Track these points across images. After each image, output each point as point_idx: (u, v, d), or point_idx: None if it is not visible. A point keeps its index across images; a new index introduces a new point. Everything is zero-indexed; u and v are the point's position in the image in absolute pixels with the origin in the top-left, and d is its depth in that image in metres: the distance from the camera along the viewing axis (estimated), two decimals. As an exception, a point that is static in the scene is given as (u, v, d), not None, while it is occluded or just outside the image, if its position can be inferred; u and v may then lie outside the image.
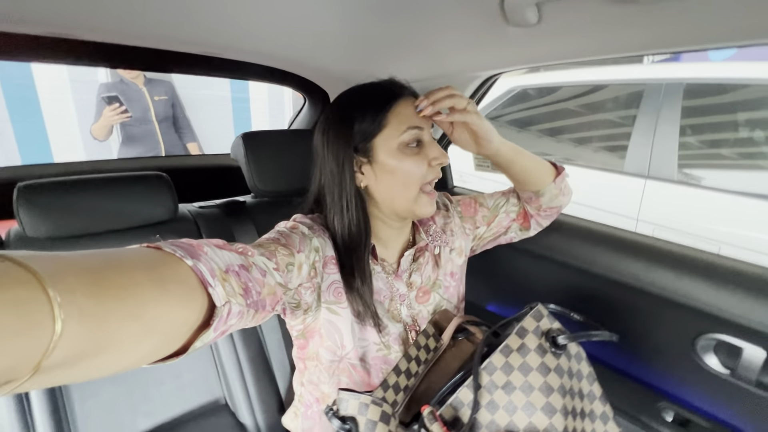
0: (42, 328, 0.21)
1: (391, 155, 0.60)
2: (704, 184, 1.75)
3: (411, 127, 0.60)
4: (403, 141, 0.60)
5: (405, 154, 0.60)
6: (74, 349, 0.23)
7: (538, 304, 0.57)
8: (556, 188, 0.75)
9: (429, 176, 0.62)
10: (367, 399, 0.52)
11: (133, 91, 2.26)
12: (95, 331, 0.24)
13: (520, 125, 2.59)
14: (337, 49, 0.85)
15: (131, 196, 0.71)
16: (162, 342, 0.30)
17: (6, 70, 2.59)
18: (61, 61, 0.84)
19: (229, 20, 0.68)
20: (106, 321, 0.24)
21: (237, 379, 0.77)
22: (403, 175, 0.60)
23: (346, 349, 0.64)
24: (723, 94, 1.78)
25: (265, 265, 0.46)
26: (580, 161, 2.22)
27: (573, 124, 2.40)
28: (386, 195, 0.63)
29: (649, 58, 4.55)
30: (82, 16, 0.63)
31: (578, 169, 2.12)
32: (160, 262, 0.31)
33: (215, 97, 3.42)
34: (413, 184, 0.61)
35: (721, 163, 1.83)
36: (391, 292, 0.68)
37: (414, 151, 0.61)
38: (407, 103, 0.62)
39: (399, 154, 0.60)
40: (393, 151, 0.60)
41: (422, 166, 0.61)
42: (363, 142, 0.61)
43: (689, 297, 0.72)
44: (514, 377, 0.52)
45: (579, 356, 0.56)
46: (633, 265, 0.80)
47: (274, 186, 0.87)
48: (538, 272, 0.98)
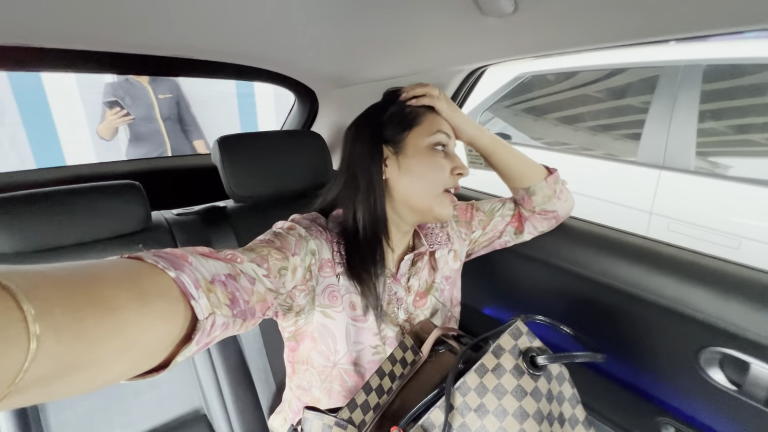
0: (16, 346, 0.20)
1: (420, 152, 0.63)
2: (730, 174, 1.64)
3: (441, 131, 0.64)
4: (432, 142, 0.63)
5: (434, 153, 0.63)
6: (51, 366, 0.22)
7: (517, 320, 0.53)
8: (548, 188, 0.75)
9: (449, 182, 0.64)
10: (330, 420, 0.49)
11: (138, 90, 2.29)
12: (73, 348, 0.23)
13: (537, 113, 2.48)
14: (320, 49, 0.83)
15: (100, 206, 0.69)
16: (143, 357, 0.29)
17: (16, 75, 2.65)
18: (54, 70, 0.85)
19: (212, 24, 0.67)
20: (85, 337, 0.23)
21: (214, 390, 0.76)
22: (428, 173, 0.62)
23: (339, 354, 0.63)
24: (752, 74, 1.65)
25: (254, 272, 0.45)
26: (599, 150, 2.10)
27: (592, 110, 2.27)
28: (406, 191, 0.63)
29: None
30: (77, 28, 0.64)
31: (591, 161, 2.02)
32: (142, 274, 0.30)
33: (221, 94, 3.43)
34: (437, 183, 0.62)
35: (752, 150, 1.70)
36: (388, 295, 0.68)
37: (440, 155, 0.64)
38: (436, 114, 0.66)
39: (428, 152, 0.63)
40: (422, 148, 0.63)
41: (446, 170, 0.63)
42: (395, 134, 0.64)
43: (692, 307, 0.67)
44: (488, 400, 0.49)
45: (561, 377, 0.52)
46: (633, 271, 0.74)
47: (253, 191, 0.85)
48: (535, 276, 0.94)
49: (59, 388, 0.24)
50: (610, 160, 1.97)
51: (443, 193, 0.63)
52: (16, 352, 0.20)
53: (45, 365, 0.21)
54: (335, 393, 0.65)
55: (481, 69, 0.83)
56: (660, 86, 1.80)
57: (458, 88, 0.88)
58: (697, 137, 1.68)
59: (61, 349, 0.22)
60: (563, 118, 2.38)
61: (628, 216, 1.79)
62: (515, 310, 1.03)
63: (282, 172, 0.89)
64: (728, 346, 0.64)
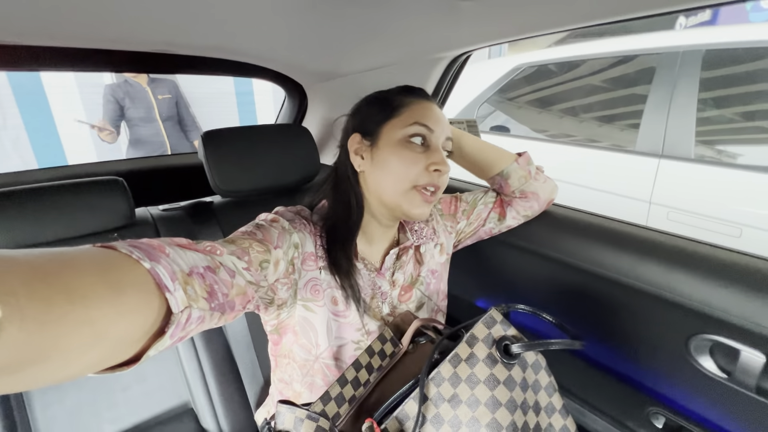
0: None
1: (391, 145, 0.60)
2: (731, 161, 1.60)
3: (418, 122, 0.60)
4: (406, 134, 0.59)
5: (405, 147, 0.60)
6: (13, 355, 0.21)
7: (492, 309, 0.52)
8: (521, 169, 0.75)
9: (422, 179, 0.60)
10: (302, 413, 0.49)
11: (137, 91, 2.31)
12: (39, 336, 0.21)
13: (541, 105, 2.44)
14: (304, 43, 0.82)
15: (82, 202, 0.70)
16: (113, 349, 0.28)
17: (16, 78, 2.68)
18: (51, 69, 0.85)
19: (200, 20, 0.67)
20: (51, 326, 0.22)
21: (199, 384, 0.76)
22: (396, 167, 0.59)
23: (320, 348, 0.63)
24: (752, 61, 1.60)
25: (234, 265, 0.44)
26: (605, 141, 2.07)
27: (597, 101, 2.22)
28: (377, 185, 0.62)
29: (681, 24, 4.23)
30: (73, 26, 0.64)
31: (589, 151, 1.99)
32: (116, 264, 0.29)
33: (219, 93, 3.44)
34: (404, 178, 0.59)
35: (754, 138, 1.66)
36: (372, 290, 0.67)
37: (415, 149, 0.60)
38: (428, 105, 0.62)
39: (398, 147, 0.60)
40: (394, 141, 0.60)
41: (418, 166, 0.59)
42: (372, 125, 0.62)
43: (681, 294, 0.65)
44: (461, 390, 0.48)
45: (537, 365, 0.51)
46: (621, 259, 0.73)
47: (238, 186, 0.85)
48: (525, 266, 0.93)
49: (23, 378, 0.23)
50: (608, 150, 1.94)
51: (412, 189, 0.60)
52: None
53: (7, 353, 0.20)
54: (317, 387, 0.65)
55: (464, 55, 0.82)
56: (658, 74, 1.76)
57: (442, 76, 0.87)
58: (697, 125, 1.64)
59: (25, 337, 0.21)
60: (568, 110, 2.34)
61: (627, 206, 1.76)
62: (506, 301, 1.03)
63: (268, 166, 0.88)
64: (718, 333, 0.62)
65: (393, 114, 0.61)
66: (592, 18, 0.57)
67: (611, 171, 1.86)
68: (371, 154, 0.62)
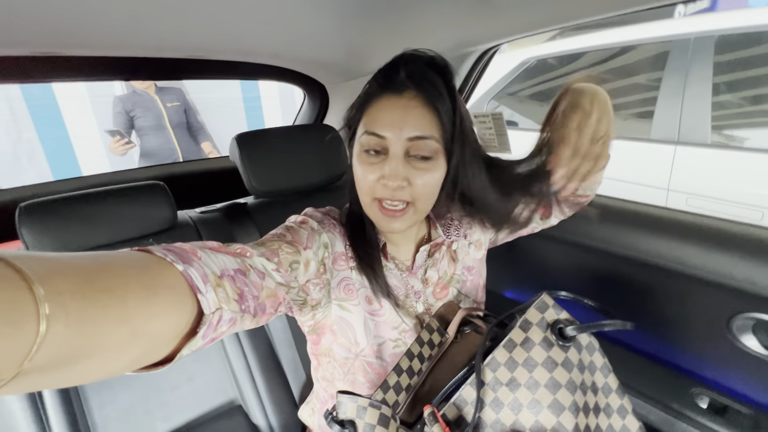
0: (25, 329, 0.20)
1: (355, 156, 0.57)
2: (750, 145, 1.60)
3: (366, 132, 0.53)
4: (361, 147, 0.55)
5: (360, 159, 0.55)
6: (58, 352, 0.22)
7: (543, 294, 0.53)
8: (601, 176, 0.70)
9: (377, 192, 0.55)
10: (364, 402, 0.50)
11: (146, 101, 2.34)
12: (81, 333, 0.23)
13: (544, 98, 2.44)
14: (327, 42, 0.83)
15: (129, 207, 0.71)
16: (149, 348, 0.30)
17: (30, 91, 2.72)
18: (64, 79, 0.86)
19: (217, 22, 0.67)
20: (92, 324, 0.24)
21: (247, 381, 0.78)
22: (356, 179, 0.57)
23: (360, 346, 0.63)
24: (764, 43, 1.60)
25: (264, 267, 0.45)
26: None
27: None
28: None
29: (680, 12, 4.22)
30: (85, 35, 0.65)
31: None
32: (151, 266, 0.31)
33: (227, 99, 3.47)
34: (363, 191, 0.57)
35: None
36: (405, 288, 0.66)
37: (371, 160, 0.54)
38: (386, 104, 0.53)
39: (357, 158, 0.56)
40: (356, 152, 0.57)
41: (370, 178, 0.54)
42: (349, 138, 0.59)
43: (720, 273, 0.66)
44: (519, 373, 0.49)
45: (591, 347, 0.52)
46: (656, 243, 0.73)
47: (272, 186, 0.86)
48: (555, 256, 0.93)
49: (65, 374, 0.24)
50: (622, 139, 1.94)
51: (373, 201, 0.56)
52: (26, 334, 0.20)
53: (53, 349, 0.21)
54: (359, 384, 0.65)
55: (492, 49, 0.82)
56: (671, 61, 1.76)
57: (470, 70, 0.88)
58: (713, 110, 1.64)
59: (69, 334, 0.22)
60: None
61: (645, 194, 1.76)
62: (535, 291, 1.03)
63: (299, 165, 0.90)
64: (761, 310, 0.63)
65: (357, 125, 0.57)
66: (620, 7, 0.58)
67: (626, 160, 1.86)
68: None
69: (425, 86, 0.53)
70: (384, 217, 0.56)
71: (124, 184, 0.72)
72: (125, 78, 1.17)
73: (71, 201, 0.67)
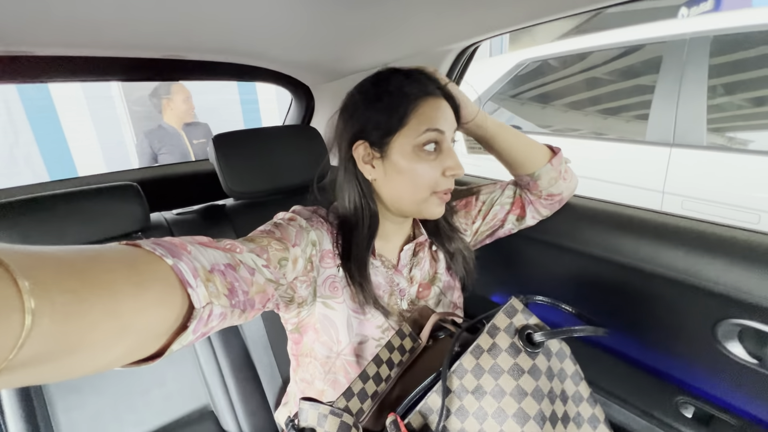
0: (10, 323, 0.19)
1: (405, 156, 0.57)
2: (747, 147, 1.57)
3: (430, 129, 0.57)
4: (419, 143, 0.57)
5: (419, 157, 0.57)
6: (45, 346, 0.21)
7: (511, 298, 0.52)
8: (554, 170, 0.71)
9: (441, 185, 0.59)
10: (325, 409, 0.48)
11: (171, 136, 2.26)
12: (68, 327, 0.22)
13: (544, 100, 2.43)
14: (307, 42, 0.82)
15: (98, 208, 0.70)
16: (138, 343, 0.29)
17: (27, 94, 2.74)
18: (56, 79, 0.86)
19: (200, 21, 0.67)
20: (80, 317, 0.23)
21: (219, 386, 0.76)
22: (414, 177, 0.58)
23: (341, 344, 0.63)
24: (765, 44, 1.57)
25: (254, 263, 0.45)
26: (611, 134, 2.04)
27: (601, 94, 2.20)
28: (394, 194, 0.61)
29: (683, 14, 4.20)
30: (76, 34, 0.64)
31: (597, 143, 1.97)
32: (140, 260, 0.30)
33: (225, 101, 3.49)
34: (423, 188, 0.58)
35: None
36: (390, 286, 0.67)
37: (429, 156, 0.58)
38: (433, 102, 0.58)
39: (413, 156, 0.57)
40: (408, 152, 0.57)
41: (435, 173, 0.58)
42: (381, 137, 0.58)
43: (705, 278, 0.64)
44: (485, 381, 0.47)
45: (562, 354, 0.50)
46: (641, 246, 0.71)
47: (249, 187, 0.85)
48: (541, 259, 0.91)
49: (52, 369, 0.23)
50: (616, 141, 1.92)
51: (432, 195, 0.59)
52: (11, 327, 0.19)
53: (39, 343, 0.21)
54: (340, 385, 0.65)
55: (473, 46, 0.81)
56: (665, 63, 1.74)
57: (450, 68, 0.86)
58: (709, 113, 1.62)
59: (56, 327, 0.22)
60: (571, 104, 2.32)
61: (639, 197, 1.74)
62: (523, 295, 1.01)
63: (279, 167, 0.89)
64: (747, 317, 0.60)
65: (401, 124, 0.57)
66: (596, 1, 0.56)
67: (621, 162, 1.84)
68: (383, 165, 0.59)
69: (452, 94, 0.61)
70: (439, 204, 0.60)
71: (94, 186, 0.71)
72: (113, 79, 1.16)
73: (35, 203, 0.66)
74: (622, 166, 1.84)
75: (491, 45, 4.23)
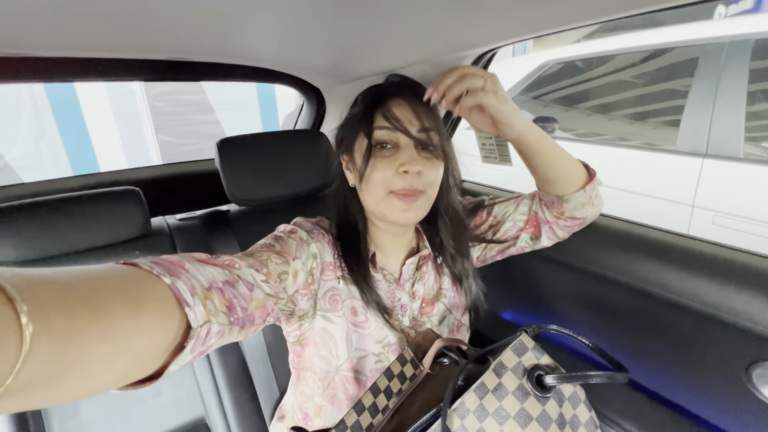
0: (9, 345, 0.19)
1: (362, 156, 0.58)
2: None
3: (377, 127, 0.57)
4: (374, 141, 0.58)
5: (373, 156, 0.58)
6: (42, 369, 0.21)
7: (522, 333, 0.47)
8: (584, 197, 0.65)
9: (395, 184, 0.57)
10: (315, 443, 0.45)
11: None
12: (65, 349, 0.22)
13: (568, 103, 2.33)
14: (320, 44, 0.80)
15: (99, 213, 0.69)
16: (135, 363, 0.29)
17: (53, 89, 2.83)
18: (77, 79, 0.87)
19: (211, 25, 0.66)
20: (77, 340, 0.23)
21: (214, 398, 0.75)
22: (368, 175, 0.58)
23: (340, 359, 0.62)
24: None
25: (252, 278, 0.45)
26: (636, 140, 1.93)
27: (628, 97, 2.08)
28: (365, 197, 0.61)
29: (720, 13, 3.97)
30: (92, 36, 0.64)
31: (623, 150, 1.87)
32: (137, 280, 0.30)
33: (243, 99, 3.51)
34: (377, 186, 0.58)
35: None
36: (392, 302, 0.65)
37: (383, 153, 0.58)
38: (391, 103, 0.58)
39: (368, 155, 0.58)
40: (363, 152, 0.58)
41: (387, 171, 0.57)
42: (348, 142, 0.61)
43: (740, 314, 0.58)
44: (488, 425, 0.43)
45: (575, 398, 0.45)
46: (668, 274, 0.65)
47: (252, 194, 0.83)
48: (556, 279, 0.86)
49: (49, 393, 0.23)
50: (643, 149, 1.82)
51: (388, 195, 0.58)
52: (9, 352, 0.19)
53: (37, 367, 0.21)
54: (338, 401, 0.64)
55: (491, 52, 0.76)
56: (701, 67, 1.63)
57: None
58: (747, 121, 1.51)
59: (54, 350, 0.21)
60: (595, 107, 2.22)
61: (666, 210, 1.64)
62: (535, 315, 0.96)
63: (285, 174, 0.87)
64: None
65: (360, 126, 0.59)
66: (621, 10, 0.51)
67: (647, 172, 1.74)
68: (355, 169, 0.61)
69: (421, 92, 0.59)
70: (401, 204, 0.58)
71: (93, 190, 0.70)
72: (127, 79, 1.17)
73: (36, 207, 0.65)
74: (648, 175, 1.74)
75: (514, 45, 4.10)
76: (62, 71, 0.79)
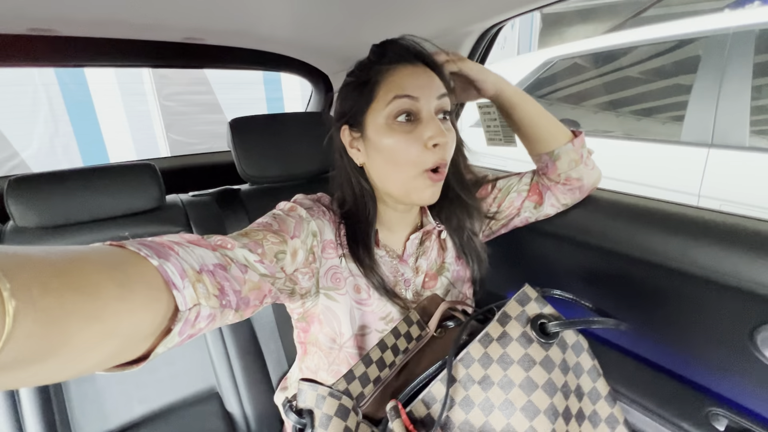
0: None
1: (379, 131, 0.54)
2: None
3: (398, 96, 0.52)
4: (389, 113, 0.53)
5: (393, 129, 0.53)
6: (27, 348, 0.21)
7: (525, 285, 0.48)
8: (574, 152, 0.69)
9: (427, 160, 0.53)
10: (324, 390, 0.47)
11: None
12: (50, 330, 0.22)
13: (573, 101, 2.34)
14: (325, 27, 0.81)
15: (117, 185, 0.72)
16: (122, 345, 0.28)
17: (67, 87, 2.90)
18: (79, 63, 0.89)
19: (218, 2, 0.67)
20: (62, 321, 0.23)
21: (225, 369, 0.76)
22: (392, 154, 0.54)
23: (344, 336, 0.62)
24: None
25: (246, 260, 0.44)
26: (645, 135, 1.94)
27: (634, 94, 2.09)
28: (381, 176, 0.58)
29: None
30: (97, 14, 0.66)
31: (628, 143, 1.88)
32: (124, 261, 0.29)
33: (251, 99, 3.57)
34: (405, 165, 0.54)
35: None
36: (395, 277, 0.65)
37: (405, 128, 0.53)
38: (406, 69, 0.54)
39: (387, 130, 0.53)
40: (381, 126, 0.54)
41: (415, 147, 0.52)
42: (354, 115, 0.56)
43: (742, 278, 0.58)
44: (493, 371, 0.44)
45: (578, 347, 0.46)
46: (671, 243, 0.66)
47: (263, 172, 0.85)
48: (561, 255, 0.87)
49: (32, 373, 0.23)
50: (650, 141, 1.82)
51: (421, 175, 0.54)
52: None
53: (20, 346, 0.20)
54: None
55: (495, 27, 0.78)
56: (704, 60, 1.63)
57: (471, 52, 0.84)
58: (753, 114, 1.51)
59: (37, 330, 0.21)
60: (602, 104, 2.23)
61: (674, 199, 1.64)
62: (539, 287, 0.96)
63: (295, 154, 0.89)
64: None
65: (371, 96, 0.54)
66: None
67: (654, 164, 1.74)
68: (364, 146, 0.57)
69: (432, 58, 0.57)
70: (430, 186, 0.55)
71: (113, 163, 0.73)
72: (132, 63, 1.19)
73: (58, 176, 0.68)
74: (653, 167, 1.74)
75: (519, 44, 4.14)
76: (74, 54, 0.80)
